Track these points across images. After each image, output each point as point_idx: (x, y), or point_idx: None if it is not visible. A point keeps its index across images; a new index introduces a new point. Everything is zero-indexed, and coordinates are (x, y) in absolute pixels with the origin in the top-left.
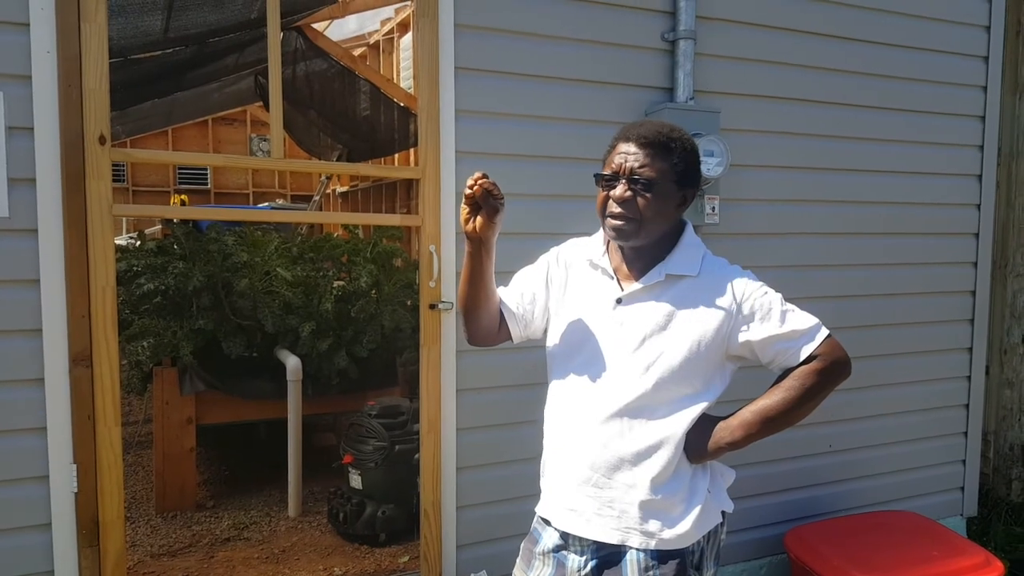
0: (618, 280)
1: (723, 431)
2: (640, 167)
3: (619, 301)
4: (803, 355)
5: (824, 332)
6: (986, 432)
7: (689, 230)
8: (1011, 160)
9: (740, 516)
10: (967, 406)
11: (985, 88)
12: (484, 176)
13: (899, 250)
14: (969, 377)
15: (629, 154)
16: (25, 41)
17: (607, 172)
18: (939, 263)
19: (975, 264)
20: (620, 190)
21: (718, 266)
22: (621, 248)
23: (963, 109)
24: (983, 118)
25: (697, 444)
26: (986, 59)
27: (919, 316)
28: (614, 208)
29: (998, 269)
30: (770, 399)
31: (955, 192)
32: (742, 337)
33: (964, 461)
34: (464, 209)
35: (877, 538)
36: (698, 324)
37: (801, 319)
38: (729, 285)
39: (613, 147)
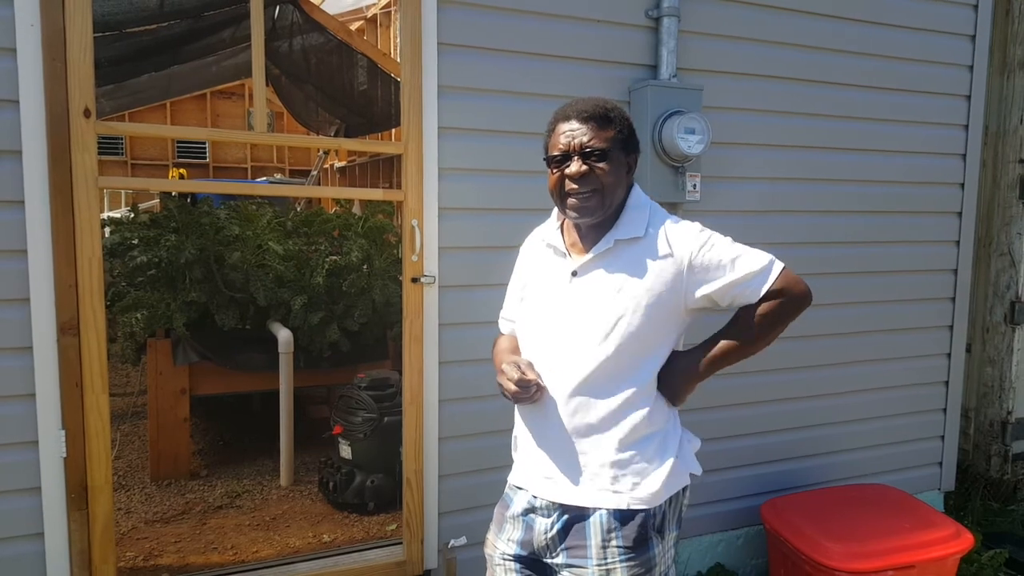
0: (572, 255)
1: (691, 366)
2: (589, 140)
3: (574, 274)
4: (761, 293)
5: (778, 267)
6: (967, 409)
7: (635, 192)
8: (997, 140)
9: (719, 487)
10: (947, 383)
11: (971, 67)
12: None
13: (882, 228)
14: (949, 354)
15: (575, 131)
16: (9, 14)
17: (556, 153)
18: (922, 241)
19: (957, 243)
20: (576, 166)
21: (666, 224)
22: (577, 224)
23: (949, 88)
24: (969, 97)
25: (670, 382)
26: (973, 38)
27: (901, 294)
28: (572, 185)
29: (982, 248)
30: (734, 328)
31: (939, 171)
32: (699, 292)
33: (943, 437)
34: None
35: (850, 510)
36: (650, 285)
37: (753, 260)
38: (676, 242)
39: (553, 130)
